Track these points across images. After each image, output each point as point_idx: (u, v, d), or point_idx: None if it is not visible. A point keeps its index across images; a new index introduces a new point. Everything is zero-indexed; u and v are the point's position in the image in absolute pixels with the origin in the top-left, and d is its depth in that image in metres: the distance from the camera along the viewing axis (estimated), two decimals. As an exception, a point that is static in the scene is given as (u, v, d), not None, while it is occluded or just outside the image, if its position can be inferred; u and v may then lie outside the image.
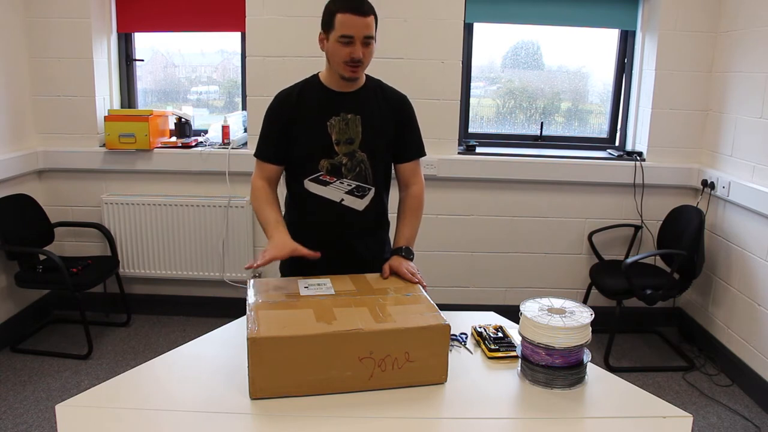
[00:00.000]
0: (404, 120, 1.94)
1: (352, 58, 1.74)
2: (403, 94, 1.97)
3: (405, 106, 1.96)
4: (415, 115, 1.98)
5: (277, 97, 1.91)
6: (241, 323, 1.75)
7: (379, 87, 1.94)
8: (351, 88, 1.87)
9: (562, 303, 1.58)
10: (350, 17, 1.71)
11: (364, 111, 1.86)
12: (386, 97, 1.92)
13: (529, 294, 2.69)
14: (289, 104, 1.87)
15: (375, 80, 1.95)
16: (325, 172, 1.86)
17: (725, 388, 3.01)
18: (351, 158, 1.86)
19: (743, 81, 3.08)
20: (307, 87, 1.90)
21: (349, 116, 1.85)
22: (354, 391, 1.42)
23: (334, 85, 1.86)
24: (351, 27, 1.71)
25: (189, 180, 3.52)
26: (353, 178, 1.88)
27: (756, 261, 2.94)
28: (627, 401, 1.47)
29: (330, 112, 1.84)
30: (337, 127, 1.84)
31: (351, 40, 1.72)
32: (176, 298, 3.67)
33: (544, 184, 3.50)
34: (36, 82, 3.42)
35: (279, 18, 3.34)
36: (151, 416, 1.35)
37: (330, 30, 1.75)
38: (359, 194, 1.89)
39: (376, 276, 1.80)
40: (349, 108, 1.85)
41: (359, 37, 1.72)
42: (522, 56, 3.74)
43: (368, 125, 1.86)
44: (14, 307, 3.34)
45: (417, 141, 1.98)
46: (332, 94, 1.86)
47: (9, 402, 2.71)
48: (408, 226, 1.96)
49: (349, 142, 1.85)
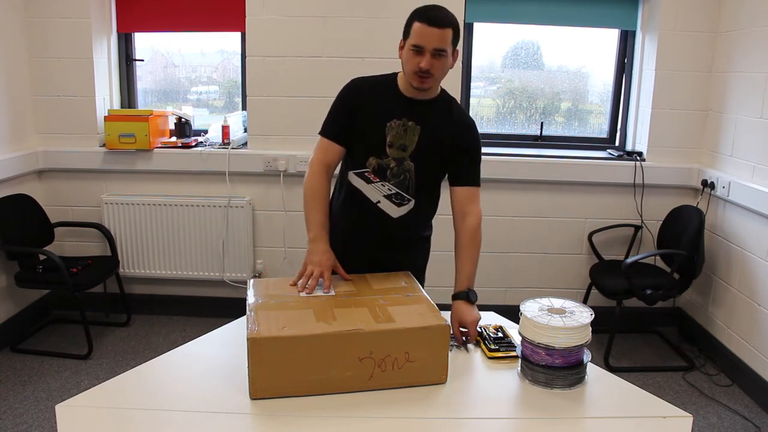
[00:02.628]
0: (464, 147, 1.89)
1: (420, 68, 1.73)
2: (471, 120, 1.94)
3: (470, 133, 1.91)
4: (480, 146, 1.93)
5: (353, 81, 1.91)
6: (241, 323, 1.75)
7: (449, 106, 1.91)
8: (422, 96, 1.85)
9: (562, 303, 1.58)
10: (424, 27, 1.70)
11: (425, 122, 1.85)
12: (453, 118, 1.89)
13: (529, 294, 2.69)
14: (362, 92, 1.87)
15: (449, 97, 1.92)
16: (371, 170, 1.87)
17: (725, 388, 3.01)
18: (399, 164, 1.85)
19: (743, 81, 3.08)
20: (383, 83, 1.89)
21: (410, 123, 1.84)
22: (354, 391, 1.42)
23: (406, 89, 1.85)
24: (423, 37, 1.70)
25: (189, 180, 3.52)
26: (396, 185, 1.87)
27: (756, 261, 2.94)
28: (627, 401, 1.47)
29: (393, 114, 1.83)
30: (395, 130, 1.83)
31: (421, 50, 1.72)
32: (176, 298, 3.67)
33: (544, 184, 3.50)
34: (36, 82, 3.42)
35: (279, 18, 3.34)
36: (151, 416, 1.35)
37: (407, 37, 1.77)
38: (397, 201, 1.88)
39: (376, 276, 1.80)
40: (412, 116, 1.84)
41: (429, 48, 1.71)
42: (522, 56, 3.74)
43: (425, 137, 1.85)
44: (14, 307, 3.34)
45: (475, 171, 1.91)
46: (401, 98, 1.86)
47: (9, 402, 2.71)
48: (467, 262, 1.86)
49: (401, 148, 1.84)
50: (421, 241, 2.05)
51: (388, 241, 1.94)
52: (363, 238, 1.94)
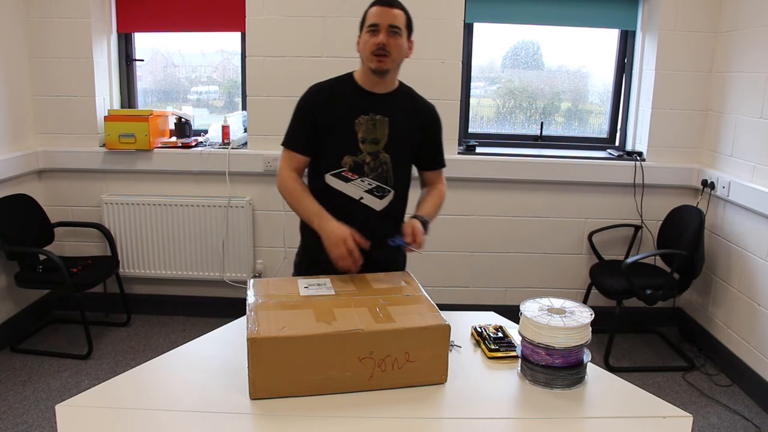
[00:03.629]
0: (431, 131, 2.00)
1: (377, 44, 1.79)
2: (432, 105, 2.01)
3: (434, 117, 2.01)
4: (442, 128, 2.04)
5: (310, 89, 1.93)
6: (241, 323, 1.75)
7: (411, 95, 1.99)
8: (383, 89, 1.90)
9: (562, 303, 1.58)
10: (379, 8, 1.82)
11: (393, 114, 1.89)
12: (416, 105, 1.97)
13: (529, 294, 2.69)
14: (321, 97, 1.90)
15: (407, 87, 1.99)
16: (347, 169, 1.88)
17: (725, 388, 3.01)
18: (374, 158, 1.88)
19: (743, 81, 3.08)
20: (341, 83, 1.92)
21: (378, 117, 1.88)
22: (354, 391, 1.42)
23: (366, 84, 1.89)
24: (378, 16, 1.81)
25: (189, 180, 3.52)
26: (374, 178, 1.90)
27: (756, 261, 2.94)
28: (627, 401, 1.47)
29: (359, 111, 1.87)
30: (364, 125, 1.87)
31: (377, 28, 1.80)
32: (176, 298, 3.67)
33: (544, 184, 3.50)
34: (36, 82, 3.42)
35: (279, 18, 3.34)
36: (151, 416, 1.35)
37: (362, 27, 1.85)
38: (379, 194, 1.91)
39: (376, 276, 1.80)
40: (379, 109, 1.88)
41: (384, 25, 1.80)
42: (522, 56, 3.74)
43: (395, 128, 1.89)
44: (14, 307, 3.34)
45: (441, 152, 2.05)
46: (364, 93, 1.89)
47: (9, 402, 2.71)
48: (430, 202, 1.99)
49: (374, 142, 1.88)
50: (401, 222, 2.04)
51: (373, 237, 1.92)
52: None
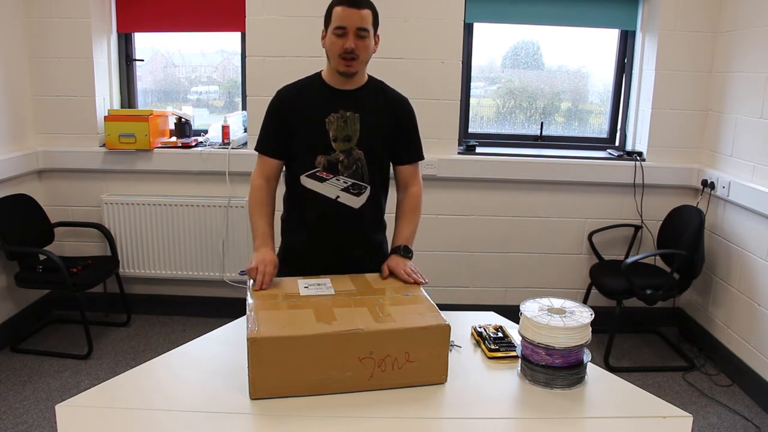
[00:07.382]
0: (404, 122, 1.95)
1: (345, 49, 1.77)
2: (404, 97, 1.98)
3: (405, 108, 1.97)
4: (416, 119, 1.99)
5: (279, 92, 1.94)
6: (241, 323, 1.75)
7: (381, 88, 1.95)
8: (351, 85, 1.88)
9: (562, 303, 1.58)
10: (345, 9, 1.76)
11: (363, 109, 1.87)
12: (387, 97, 1.94)
13: (529, 294, 2.69)
14: (290, 99, 1.90)
15: (377, 81, 1.96)
16: (321, 169, 1.87)
17: (725, 388, 3.01)
18: (348, 156, 1.87)
19: (743, 81, 3.08)
20: (309, 83, 1.92)
21: (348, 114, 1.86)
22: (354, 391, 1.42)
23: (334, 82, 1.88)
24: (344, 18, 1.77)
25: (189, 180, 3.52)
26: (349, 176, 1.88)
27: (756, 261, 2.94)
28: (627, 401, 1.47)
29: (329, 109, 1.86)
30: (335, 123, 1.85)
31: (344, 31, 1.77)
32: (176, 298, 3.67)
33: (544, 184, 3.50)
34: (36, 82, 3.42)
35: (279, 18, 3.34)
36: (151, 416, 1.35)
37: (328, 25, 1.81)
38: (355, 192, 1.90)
39: (375, 276, 1.80)
40: (349, 106, 1.86)
41: (352, 28, 1.76)
42: (522, 56, 3.74)
43: (366, 124, 1.87)
44: (14, 307, 3.34)
45: (416, 144, 1.99)
46: (332, 91, 1.88)
47: (9, 402, 2.71)
48: (407, 225, 1.96)
49: (346, 139, 1.86)
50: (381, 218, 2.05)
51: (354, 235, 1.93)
52: (324, 242, 1.93)
